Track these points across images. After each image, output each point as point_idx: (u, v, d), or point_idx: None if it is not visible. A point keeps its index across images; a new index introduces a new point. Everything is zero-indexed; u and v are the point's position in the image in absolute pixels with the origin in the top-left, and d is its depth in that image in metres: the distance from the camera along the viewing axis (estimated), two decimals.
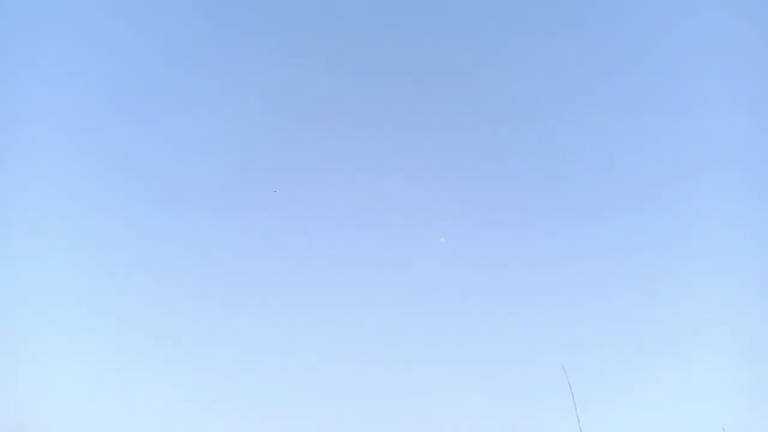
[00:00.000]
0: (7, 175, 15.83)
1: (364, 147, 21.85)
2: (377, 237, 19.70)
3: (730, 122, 16.33)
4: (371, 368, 15.41)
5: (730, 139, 16.14)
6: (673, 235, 16.02)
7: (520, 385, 13.97)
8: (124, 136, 19.43)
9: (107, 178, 18.26)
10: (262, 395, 14.46)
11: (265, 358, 15.63)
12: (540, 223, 18.92)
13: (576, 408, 6.42)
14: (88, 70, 18.83)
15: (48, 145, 16.74)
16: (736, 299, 13.16)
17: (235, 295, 17.19)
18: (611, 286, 16.15)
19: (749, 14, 15.83)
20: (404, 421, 13.38)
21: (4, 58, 16.93)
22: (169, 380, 14.18)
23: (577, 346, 14.56)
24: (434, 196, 20.60)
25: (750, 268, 13.41)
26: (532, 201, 19.66)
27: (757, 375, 11.45)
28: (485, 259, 18.46)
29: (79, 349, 13.71)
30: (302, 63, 21.76)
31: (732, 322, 12.80)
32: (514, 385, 14.16)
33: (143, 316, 15.63)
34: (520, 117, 20.97)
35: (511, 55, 21.35)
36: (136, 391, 13.50)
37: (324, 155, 21.51)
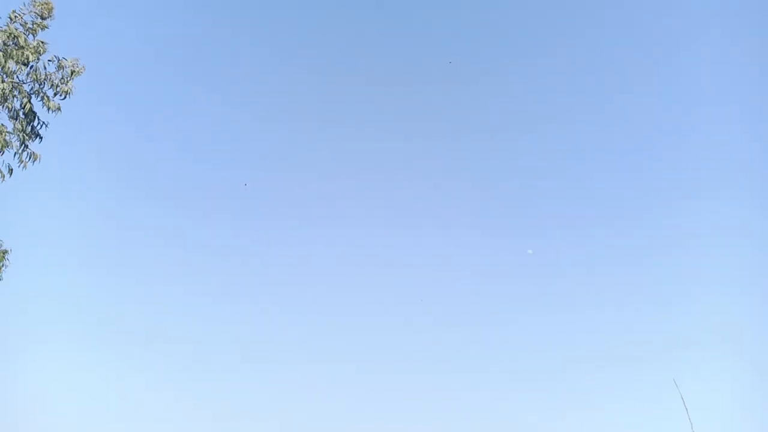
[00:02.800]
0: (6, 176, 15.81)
1: (374, 152, 21.86)
2: (410, 238, 19.62)
3: (739, 135, 16.34)
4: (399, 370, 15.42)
5: (741, 151, 16.14)
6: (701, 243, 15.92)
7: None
8: (123, 137, 19.38)
9: (105, 178, 18.24)
10: (265, 398, 14.42)
11: (266, 359, 15.57)
12: (562, 232, 19.00)
13: (692, 425, 5.65)
14: (87, 72, 18.82)
15: (49, 146, 16.74)
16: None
17: (241, 300, 17.14)
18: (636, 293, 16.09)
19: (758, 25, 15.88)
20: (435, 422, 13.33)
21: None
22: (170, 381, 14.15)
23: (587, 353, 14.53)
24: (465, 201, 20.54)
25: None
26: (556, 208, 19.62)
27: None
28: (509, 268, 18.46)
29: (77, 349, 13.69)
30: (326, 71, 21.85)
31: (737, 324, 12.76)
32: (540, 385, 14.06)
33: (142, 318, 15.60)
34: (539, 126, 20.98)
35: (524, 65, 21.39)
36: (136, 391, 13.47)
37: (327, 159, 21.50)
